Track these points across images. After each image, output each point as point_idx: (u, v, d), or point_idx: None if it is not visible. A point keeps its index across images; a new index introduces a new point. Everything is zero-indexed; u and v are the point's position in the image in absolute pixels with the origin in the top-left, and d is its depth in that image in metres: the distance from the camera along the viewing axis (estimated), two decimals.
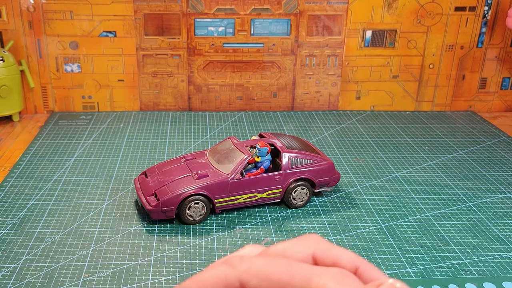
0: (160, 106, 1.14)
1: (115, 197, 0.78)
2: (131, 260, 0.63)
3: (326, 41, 1.12)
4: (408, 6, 1.11)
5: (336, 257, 0.23)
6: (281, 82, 1.15)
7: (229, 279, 0.21)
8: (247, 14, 1.08)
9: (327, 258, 0.23)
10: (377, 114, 1.17)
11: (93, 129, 1.04)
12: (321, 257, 0.23)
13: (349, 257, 0.23)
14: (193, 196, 0.69)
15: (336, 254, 0.23)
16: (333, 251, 0.23)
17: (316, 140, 1.01)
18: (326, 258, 0.23)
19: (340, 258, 0.23)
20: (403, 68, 1.16)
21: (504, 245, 0.68)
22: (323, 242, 0.23)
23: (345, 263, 0.23)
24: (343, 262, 0.23)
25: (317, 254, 0.23)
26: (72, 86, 1.11)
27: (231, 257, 0.22)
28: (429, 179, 0.86)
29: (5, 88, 1.02)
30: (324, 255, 0.23)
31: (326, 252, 0.23)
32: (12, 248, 0.65)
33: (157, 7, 1.06)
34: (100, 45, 1.08)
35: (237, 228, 0.70)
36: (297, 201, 0.76)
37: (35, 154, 0.92)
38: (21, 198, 0.77)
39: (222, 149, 0.76)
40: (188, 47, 1.10)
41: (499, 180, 0.86)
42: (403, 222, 0.73)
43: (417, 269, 0.63)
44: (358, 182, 0.84)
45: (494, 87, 1.20)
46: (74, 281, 0.59)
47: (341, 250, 0.23)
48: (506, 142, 1.02)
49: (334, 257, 0.23)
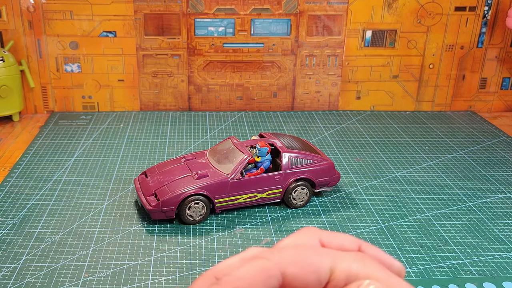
0: (160, 106, 1.14)
1: (115, 197, 0.78)
2: (131, 260, 0.63)
3: (326, 41, 1.12)
4: (408, 6, 1.11)
5: (340, 241, 0.25)
6: (281, 82, 1.15)
7: (270, 271, 0.21)
8: (247, 14, 1.08)
9: (333, 244, 0.24)
10: (377, 114, 1.17)
11: (93, 129, 1.04)
12: (327, 243, 0.24)
13: (350, 239, 0.25)
14: (193, 196, 0.69)
15: (339, 239, 0.25)
16: (336, 236, 0.25)
17: (316, 140, 1.01)
18: (332, 244, 0.24)
19: (344, 242, 0.25)
20: (403, 68, 1.16)
21: (504, 245, 0.68)
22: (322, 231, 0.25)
23: (349, 245, 0.25)
24: (347, 244, 0.24)
25: (323, 240, 0.24)
26: (72, 86, 1.11)
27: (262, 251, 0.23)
28: (429, 179, 0.86)
29: (5, 88, 1.02)
30: (330, 242, 0.24)
31: (330, 238, 0.25)
32: (12, 248, 0.65)
33: (157, 7, 1.06)
34: (100, 45, 1.08)
35: (237, 228, 0.70)
36: (297, 201, 0.76)
37: (35, 154, 0.92)
38: (21, 198, 0.77)
39: (222, 149, 0.76)
40: (188, 47, 1.10)
41: (499, 180, 0.86)
42: (403, 222, 0.73)
43: (417, 269, 0.63)
44: (358, 182, 0.84)
45: (494, 87, 1.20)
46: (74, 281, 0.59)
47: (342, 235, 0.25)
48: (506, 142, 1.02)
49: (339, 241, 0.25)
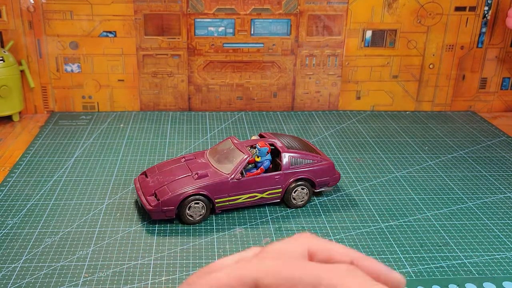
0: (160, 106, 1.14)
1: (115, 197, 0.78)
2: (131, 260, 0.63)
3: (326, 41, 1.12)
4: (408, 6, 1.11)
5: (330, 252, 0.23)
6: (281, 82, 1.15)
7: (244, 279, 0.21)
8: (247, 14, 1.08)
9: (321, 254, 0.23)
10: (377, 114, 1.17)
11: (93, 129, 1.04)
12: (315, 253, 0.23)
13: (342, 251, 0.23)
14: (193, 196, 0.69)
15: (329, 249, 0.23)
16: (326, 246, 0.24)
17: (316, 140, 1.01)
18: (321, 254, 0.23)
19: (334, 254, 0.23)
20: (403, 68, 1.16)
21: (504, 245, 0.68)
22: (316, 239, 0.24)
23: (339, 257, 0.23)
24: (337, 256, 0.23)
25: (312, 250, 0.23)
26: (72, 86, 1.11)
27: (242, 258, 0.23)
28: (429, 179, 0.86)
29: (5, 88, 1.02)
30: (319, 251, 0.23)
31: (320, 248, 0.23)
32: (12, 248, 0.65)
33: (157, 7, 1.06)
34: (100, 45, 1.08)
35: (237, 228, 0.70)
36: (297, 201, 0.76)
37: (35, 154, 0.92)
38: (21, 198, 0.77)
39: (222, 149, 0.76)
40: (188, 47, 1.10)
41: (499, 180, 0.86)
42: (403, 222, 0.73)
43: (417, 269, 0.63)
44: (358, 182, 0.84)
45: (494, 87, 1.20)
46: (74, 281, 0.59)
47: (335, 245, 0.24)
48: (506, 142, 1.02)
49: (328, 252, 0.23)
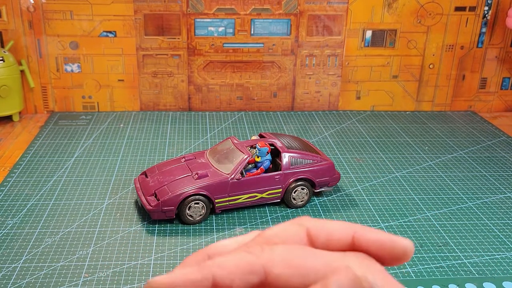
0: (160, 106, 1.14)
1: (115, 197, 0.78)
2: (131, 260, 0.63)
3: (326, 41, 1.12)
4: (408, 6, 1.11)
5: (330, 230, 0.23)
6: (281, 82, 1.15)
7: (254, 267, 0.21)
8: (247, 14, 1.08)
9: (321, 234, 0.23)
10: (377, 114, 1.17)
11: (93, 129, 1.04)
12: (315, 234, 0.23)
13: (342, 227, 0.23)
14: (193, 196, 0.69)
15: (329, 228, 0.23)
16: (326, 225, 0.23)
17: (316, 140, 1.01)
18: (320, 234, 0.23)
19: (333, 231, 0.23)
20: (403, 68, 1.16)
21: (504, 245, 0.68)
22: (314, 220, 0.23)
23: (339, 234, 0.23)
24: (337, 233, 0.23)
25: (311, 232, 0.23)
26: (72, 86, 1.11)
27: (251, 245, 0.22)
28: (429, 179, 0.86)
29: (5, 88, 1.02)
30: (318, 231, 0.23)
31: (319, 228, 0.23)
32: (12, 248, 0.65)
33: (157, 7, 1.06)
34: (100, 45, 1.08)
35: (237, 228, 0.70)
36: (297, 201, 0.76)
37: (35, 154, 0.92)
38: (21, 198, 0.77)
39: (222, 149, 0.76)
40: (188, 47, 1.10)
41: (499, 180, 0.86)
42: (403, 222, 0.73)
43: (417, 269, 0.63)
44: (358, 182, 0.84)
45: (494, 87, 1.20)
46: (74, 281, 0.59)
47: (334, 222, 0.23)
48: (506, 142, 1.02)
49: (328, 230, 0.23)
